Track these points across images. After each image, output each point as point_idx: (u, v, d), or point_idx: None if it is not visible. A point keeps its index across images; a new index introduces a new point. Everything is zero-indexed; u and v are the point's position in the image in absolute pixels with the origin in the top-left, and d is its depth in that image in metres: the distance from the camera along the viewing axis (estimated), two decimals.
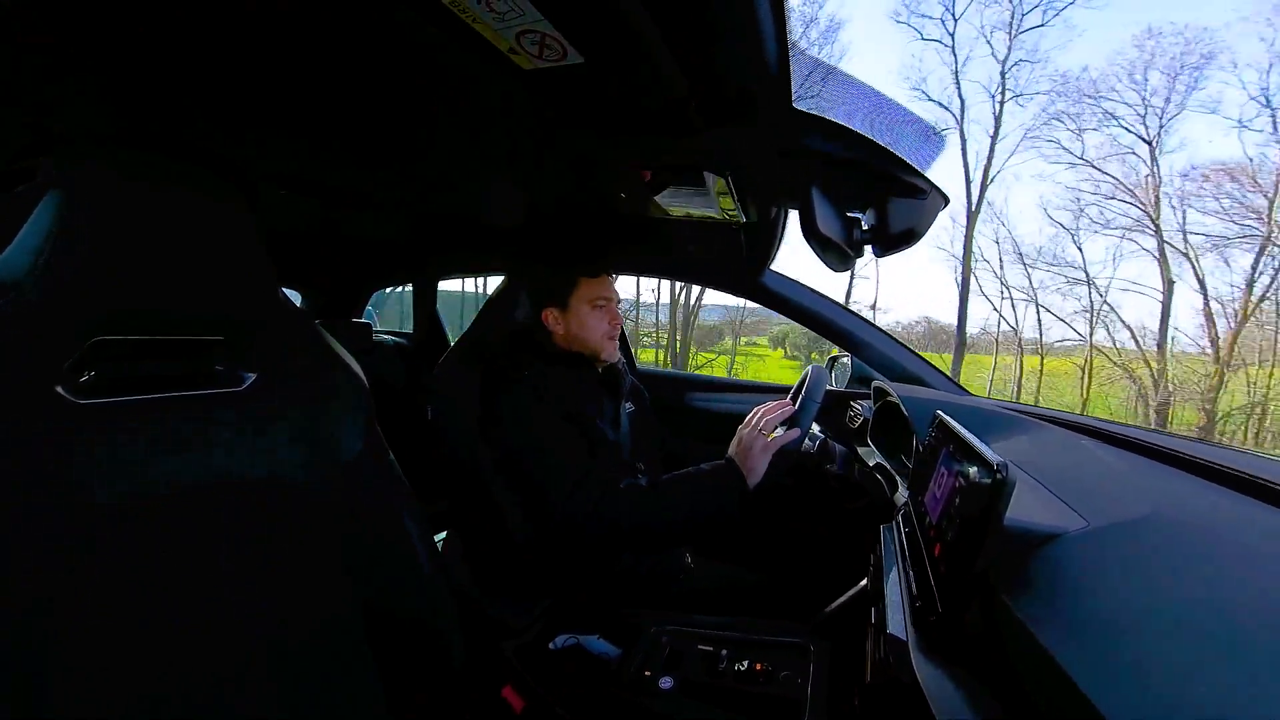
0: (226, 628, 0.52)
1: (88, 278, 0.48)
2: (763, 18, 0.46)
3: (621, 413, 1.20)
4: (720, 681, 0.83)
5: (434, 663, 0.69)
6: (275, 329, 0.62)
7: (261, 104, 0.75)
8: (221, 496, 0.54)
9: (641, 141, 0.76)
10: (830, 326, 1.41)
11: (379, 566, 0.65)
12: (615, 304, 1.17)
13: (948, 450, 0.61)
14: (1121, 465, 0.67)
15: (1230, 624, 0.33)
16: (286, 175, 1.08)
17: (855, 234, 0.79)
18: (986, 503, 0.45)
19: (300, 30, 0.57)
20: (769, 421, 1.02)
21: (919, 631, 0.49)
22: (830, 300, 1.43)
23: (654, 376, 1.83)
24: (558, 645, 0.93)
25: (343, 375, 0.66)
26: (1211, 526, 0.47)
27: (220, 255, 0.56)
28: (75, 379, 0.47)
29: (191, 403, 0.53)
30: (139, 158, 0.50)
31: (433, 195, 1.23)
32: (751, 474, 0.99)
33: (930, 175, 0.70)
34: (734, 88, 0.60)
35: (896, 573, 0.62)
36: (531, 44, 0.53)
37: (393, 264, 2.11)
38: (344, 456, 0.64)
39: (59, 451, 0.44)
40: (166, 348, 0.53)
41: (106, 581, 0.46)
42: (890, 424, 1.24)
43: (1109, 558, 0.44)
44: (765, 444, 1.00)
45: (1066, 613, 0.38)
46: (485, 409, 1.08)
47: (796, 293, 1.43)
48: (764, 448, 1.00)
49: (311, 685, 0.58)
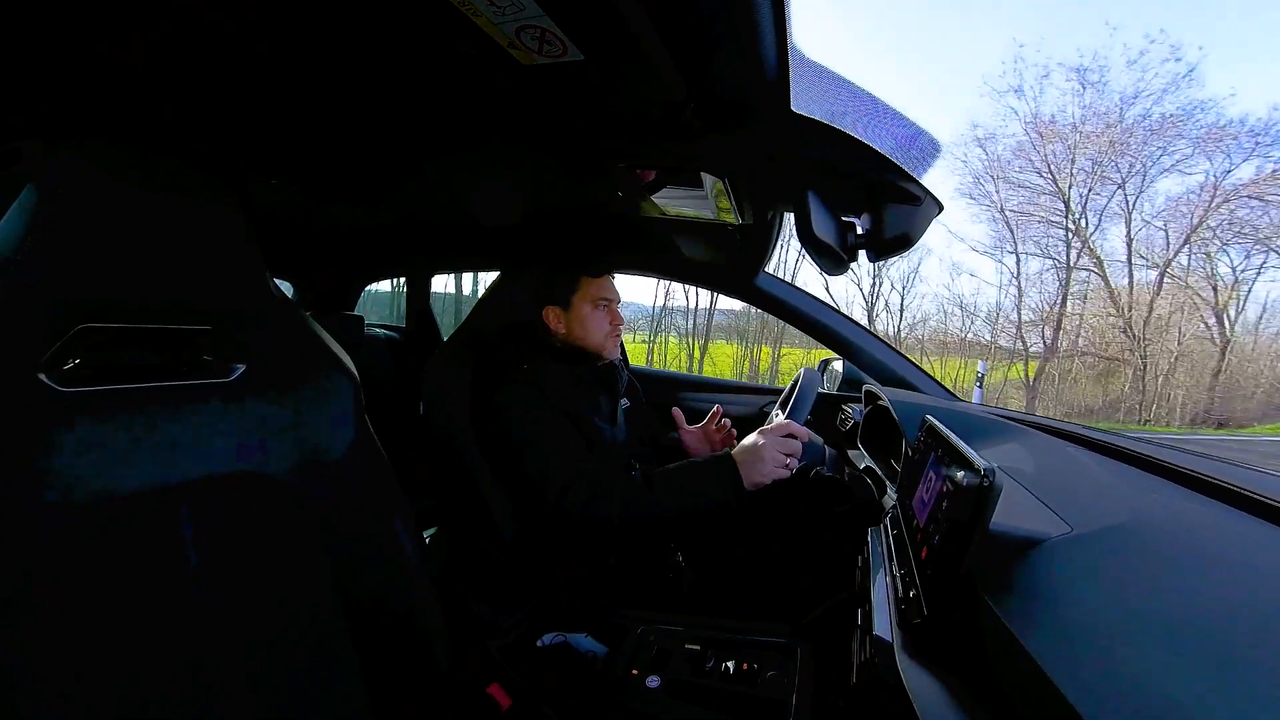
0: (206, 626, 0.52)
1: (73, 264, 0.47)
2: (762, 22, 0.47)
3: (618, 410, 1.20)
4: (706, 681, 0.84)
5: (420, 662, 0.68)
6: (265, 320, 0.61)
7: (256, 95, 0.74)
8: (204, 490, 0.53)
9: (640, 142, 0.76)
10: (822, 330, 1.42)
11: (366, 565, 0.65)
12: (616, 303, 1.17)
13: (936, 454, 0.62)
14: (1106, 472, 0.68)
15: (1211, 629, 0.33)
16: (281, 168, 1.06)
17: (850, 238, 0.80)
18: (974, 507, 0.45)
19: (296, 20, 0.56)
20: (790, 447, 0.96)
21: (905, 634, 0.50)
22: (823, 303, 1.44)
23: (648, 376, 1.84)
24: (545, 643, 0.93)
25: (333, 368, 0.65)
26: (1193, 533, 0.48)
27: (208, 244, 0.55)
28: (59, 366, 0.46)
29: (177, 393, 0.52)
30: (126, 145, 0.50)
31: (428, 189, 1.23)
32: (750, 477, 0.95)
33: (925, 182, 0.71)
34: (732, 92, 0.60)
35: (883, 575, 0.62)
36: (531, 39, 0.53)
37: (386, 257, 2.09)
38: (333, 451, 0.64)
39: (40, 439, 0.44)
40: (152, 337, 0.52)
41: (81, 578, 0.45)
42: (880, 427, 1.25)
43: (1093, 563, 0.45)
44: (776, 464, 0.94)
45: (1050, 617, 0.39)
46: (479, 404, 1.07)
47: (789, 295, 1.44)
48: (772, 469, 0.94)
49: (295, 685, 0.57)
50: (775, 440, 0.96)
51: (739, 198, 0.92)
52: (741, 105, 0.62)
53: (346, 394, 0.66)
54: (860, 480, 1.12)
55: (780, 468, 0.96)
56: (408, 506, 0.69)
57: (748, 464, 0.96)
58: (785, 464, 0.96)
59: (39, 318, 0.46)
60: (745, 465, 0.96)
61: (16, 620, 0.41)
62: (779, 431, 0.97)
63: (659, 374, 1.90)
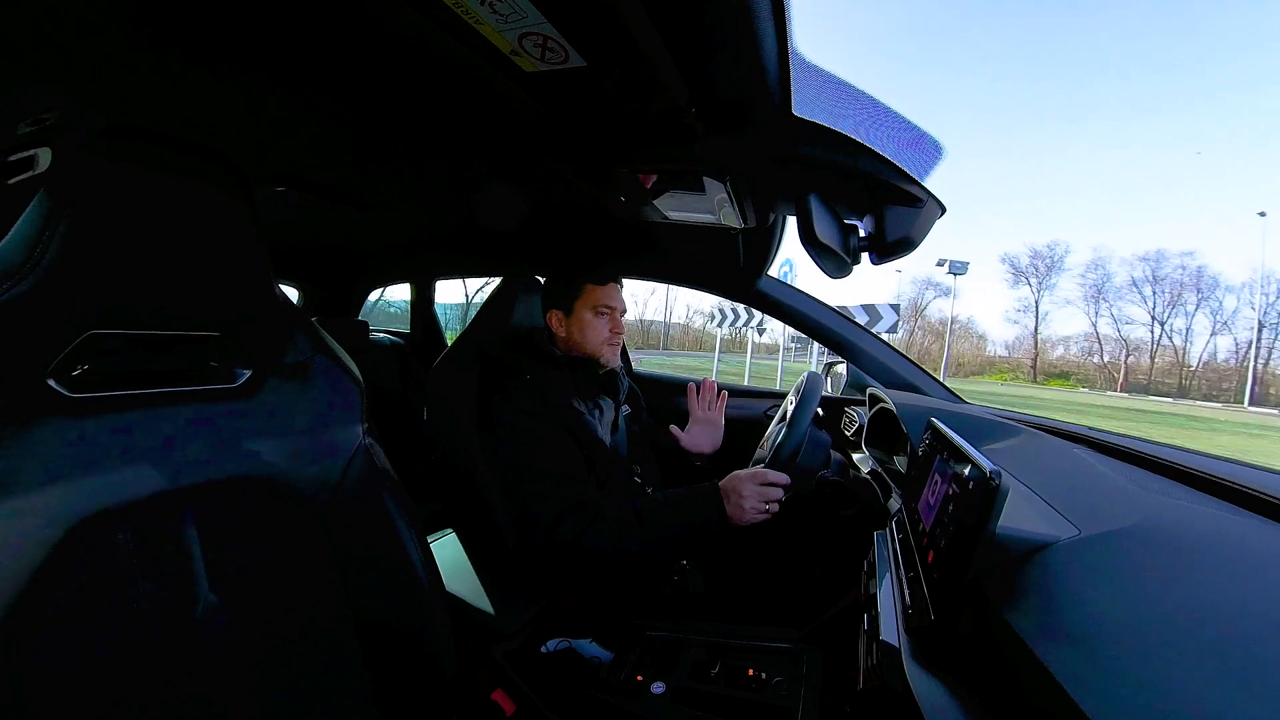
0: (212, 633, 0.52)
1: (84, 271, 0.47)
2: (763, 26, 0.47)
3: (620, 417, 1.20)
4: (712, 688, 0.83)
5: (424, 667, 0.68)
6: (271, 325, 0.62)
7: (263, 102, 0.75)
8: (210, 496, 0.54)
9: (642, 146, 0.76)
10: (826, 333, 1.42)
11: (371, 572, 0.65)
12: (619, 312, 1.18)
13: (942, 457, 0.61)
14: (1114, 474, 0.67)
15: (1221, 632, 0.33)
16: (288, 175, 1.07)
17: (852, 241, 0.79)
18: (980, 510, 0.45)
19: (303, 28, 0.57)
20: (771, 495, 0.98)
21: (911, 639, 0.49)
22: (826, 306, 1.43)
23: (648, 380, 1.83)
24: (550, 649, 0.93)
25: (339, 374, 0.66)
26: (1202, 536, 0.47)
27: (216, 251, 0.55)
28: (68, 372, 0.46)
29: (184, 398, 0.53)
30: (137, 153, 0.50)
31: (434, 195, 1.23)
32: (731, 514, 0.97)
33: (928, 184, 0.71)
34: (734, 95, 0.60)
35: (889, 579, 0.62)
36: (534, 47, 0.53)
37: (391, 263, 2.10)
38: (338, 456, 0.64)
39: (48, 444, 0.44)
40: (161, 343, 0.53)
41: (89, 585, 0.45)
42: (885, 430, 1.24)
43: (1101, 566, 0.44)
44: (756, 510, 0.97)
45: (1058, 621, 0.38)
46: (481, 410, 1.08)
47: (792, 298, 1.43)
48: (752, 515, 0.97)
49: (300, 690, 0.57)
50: (756, 489, 0.98)
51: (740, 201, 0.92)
52: (743, 108, 0.62)
53: (352, 399, 0.66)
54: (865, 484, 1.11)
55: (759, 513, 0.98)
56: (414, 514, 0.69)
57: (731, 502, 0.98)
58: (765, 510, 0.98)
59: (49, 323, 0.46)
60: (729, 502, 0.98)
61: (24, 627, 0.41)
62: (759, 479, 0.99)
63: (660, 378, 1.90)
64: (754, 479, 0.99)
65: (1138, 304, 32.77)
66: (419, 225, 1.53)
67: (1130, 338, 32.69)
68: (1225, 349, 30.39)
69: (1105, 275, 33.72)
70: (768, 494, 0.98)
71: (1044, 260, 35.24)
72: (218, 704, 0.51)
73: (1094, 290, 33.83)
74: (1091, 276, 33.93)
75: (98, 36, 0.58)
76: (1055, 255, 35.24)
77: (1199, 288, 31.71)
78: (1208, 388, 29.38)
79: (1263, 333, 28.45)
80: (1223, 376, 29.29)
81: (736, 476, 1.00)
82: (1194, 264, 32.54)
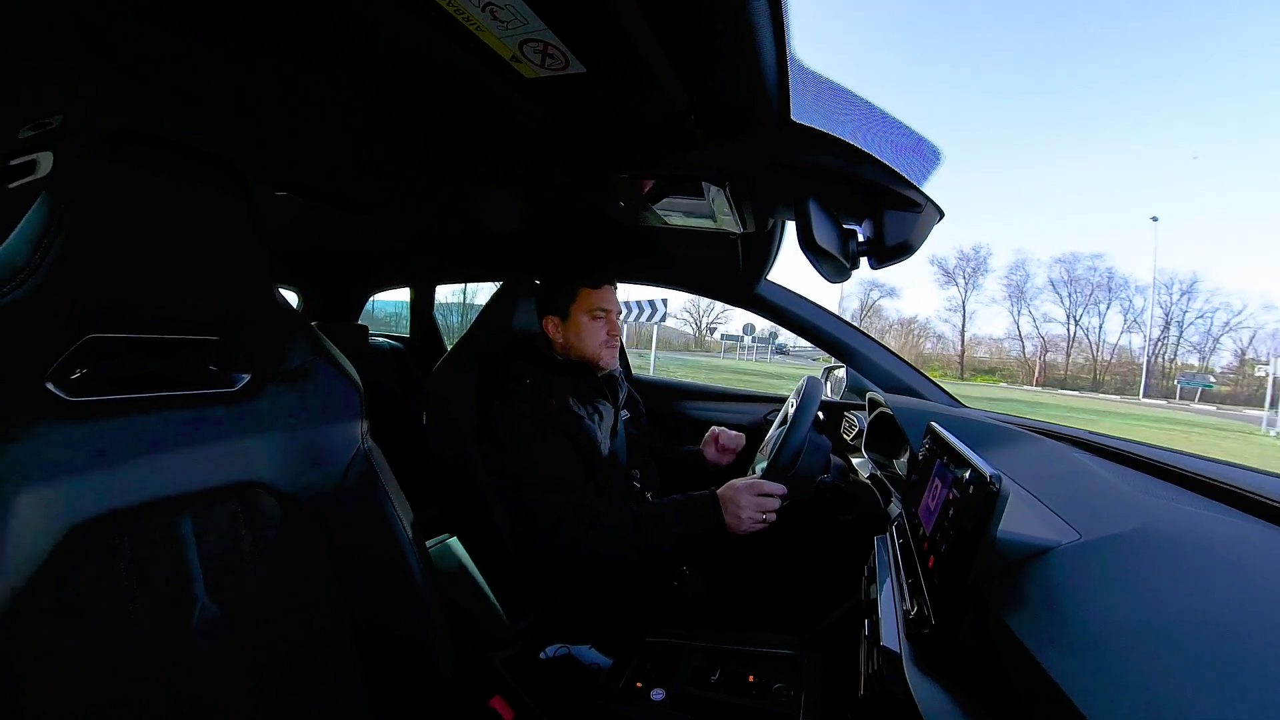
0: (208, 638, 0.51)
1: (84, 274, 0.47)
2: (762, 33, 0.47)
3: (619, 422, 1.20)
4: (712, 694, 0.83)
5: (423, 673, 0.68)
6: (270, 330, 0.62)
7: (265, 107, 0.75)
8: (208, 501, 0.53)
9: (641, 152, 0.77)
10: (825, 337, 1.42)
11: (369, 574, 0.64)
12: (615, 315, 1.18)
13: (942, 462, 0.61)
14: (1114, 478, 0.67)
15: (1222, 636, 0.33)
16: (289, 179, 1.08)
17: (851, 246, 0.80)
18: (980, 514, 0.45)
19: (306, 34, 0.57)
20: (767, 505, 0.99)
21: (912, 644, 0.49)
22: (825, 311, 1.44)
23: (648, 384, 1.83)
24: (548, 655, 0.92)
25: (338, 378, 0.66)
26: (1203, 540, 0.47)
27: (216, 255, 0.55)
28: (67, 375, 0.46)
29: (182, 402, 0.53)
30: (138, 157, 0.50)
31: (432, 199, 1.24)
32: (728, 523, 0.97)
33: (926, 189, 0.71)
34: (733, 101, 0.60)
35: (890, 584, 0.62)
36: (534, 52, 0.53)
37: (391, 268, 2.11)
38: (337, 461, 0.64)
39: (46, 448, 0.44)
40: (160, 346, 0.53)
41: (86, 590, 0.45)
42: (884, 435, 1.24)
43: (1102, 571, 0.44)
44: (753, 521, 0.97)
45: (1060, 626, 0.38)
46: (481, 415, 1.07)
47: (792, 303, 1.44)
48: (749, 524, 0.97)
49: (298, 697, 0.57)
50: (753, 500, 0.99)
51: (740, 206, 0.92)
52: (742, 114, 0.62)
53: (351, 403, 0.66)
54: (865, 488, 1.11)
55: (756, 523, 0.98)
56: (413, 519, 0.69)
57: (729, 512, 0.98)
58: (762, 520, 0.99)
59: (49, 326, 0.46)
60: (726, 512, 0.98)
61: (21, 630, 0.41)
62: (756, 490, 0.99)
63: (659, 382, 1.90)
64: (751, 489, 0.99)
65: (1056, 303, 34.79)
66: (419, 230, 1.53)
67: (1048, 335, 34.54)
68: (1137, 345, 32.62)
69: (1025, 276, 35.68)
70: (765, 504, 0.98)
71: (970, 262, 36.89)
72: (214, 709, 0.50)
73: (1016, 290, 35.75)
74: (1014, 278, 35.89)
75: (100, 41, 0.58)
76: (980, 257, 36.95)
77: (1110, 287, 33.65)
78: (1120, 382, 31.65)
79: (1159, 330, 30.97)
80: (1132, 371, 31.67)
81: (734, 486, 1.00)
82: (1104, 265, 34.56)
